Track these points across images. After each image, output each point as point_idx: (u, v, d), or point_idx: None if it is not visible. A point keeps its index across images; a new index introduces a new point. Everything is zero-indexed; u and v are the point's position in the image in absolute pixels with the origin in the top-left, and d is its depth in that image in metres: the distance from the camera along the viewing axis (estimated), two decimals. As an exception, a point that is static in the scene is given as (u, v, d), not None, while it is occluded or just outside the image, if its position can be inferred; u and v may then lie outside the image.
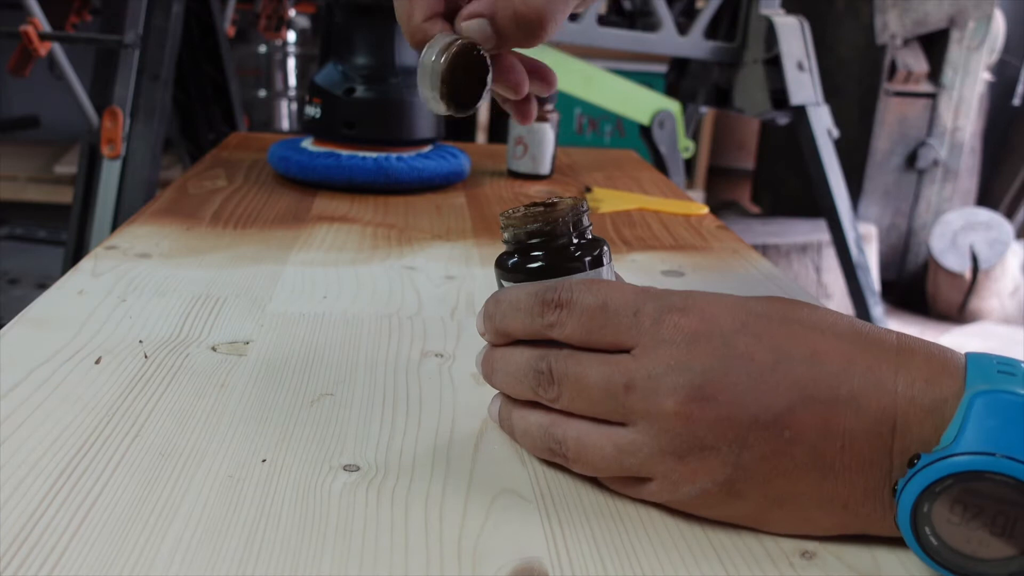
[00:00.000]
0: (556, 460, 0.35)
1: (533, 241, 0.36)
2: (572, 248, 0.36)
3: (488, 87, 0.39)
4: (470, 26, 0.41)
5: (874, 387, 0.30)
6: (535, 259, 0.36)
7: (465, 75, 0.38)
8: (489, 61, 0.39)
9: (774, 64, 1.86)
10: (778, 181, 3.16)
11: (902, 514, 0.29)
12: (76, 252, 1.51)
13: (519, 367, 0.35)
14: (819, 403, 0.30)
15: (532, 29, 0.39)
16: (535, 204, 0.36)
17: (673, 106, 1.96)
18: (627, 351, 0.33)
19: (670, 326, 0.32)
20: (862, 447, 0.30)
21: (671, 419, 0.31)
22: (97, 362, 0.43)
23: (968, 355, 0.30)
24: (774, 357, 0.31)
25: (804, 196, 2.72)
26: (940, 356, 0.30)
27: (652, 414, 0.31)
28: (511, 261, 0.37)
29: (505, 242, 0.37)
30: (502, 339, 0.36)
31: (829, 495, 0.30)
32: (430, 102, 0.39)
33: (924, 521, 0.28)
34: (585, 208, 0.37)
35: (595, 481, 0.35)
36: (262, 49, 3.15)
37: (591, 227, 0.37)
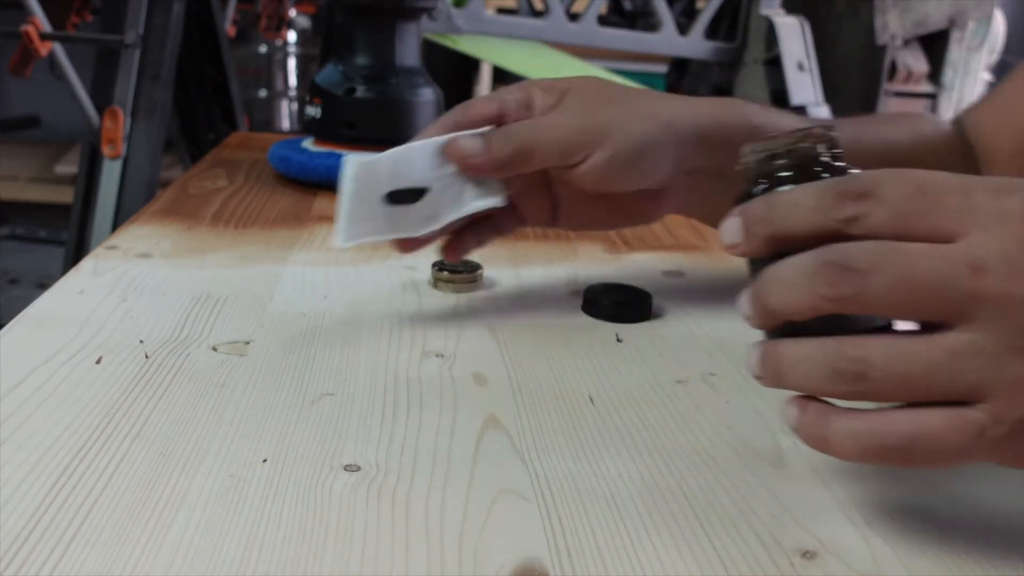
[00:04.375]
0: (846, 387, 0.27)
1: (784, 175, 0.31)
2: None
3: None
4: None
5: None
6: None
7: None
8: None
9: (774, 64, 1.86)
10: (778, 181, 3.15)
11: None
12: (77, 252, 1.51)
13: (797, 269, 0.28)
14: None
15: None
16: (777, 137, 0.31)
17: (673, 106, 1.96)
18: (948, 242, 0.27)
19: (1017, 202, 0.27)
20: None
21: None
22: (98, 362, 0.43)
23: None
24: None
25: (804, 196, 2.70)
26: None
27: (1010, 299, 0.26)
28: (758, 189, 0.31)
29: (748, 181, 0.32)
30: (773, 247, 0.30)
31: None
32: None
33: None
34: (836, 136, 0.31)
35: (595, 481, 0.35)
36: (262, 49, 3.15)
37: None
